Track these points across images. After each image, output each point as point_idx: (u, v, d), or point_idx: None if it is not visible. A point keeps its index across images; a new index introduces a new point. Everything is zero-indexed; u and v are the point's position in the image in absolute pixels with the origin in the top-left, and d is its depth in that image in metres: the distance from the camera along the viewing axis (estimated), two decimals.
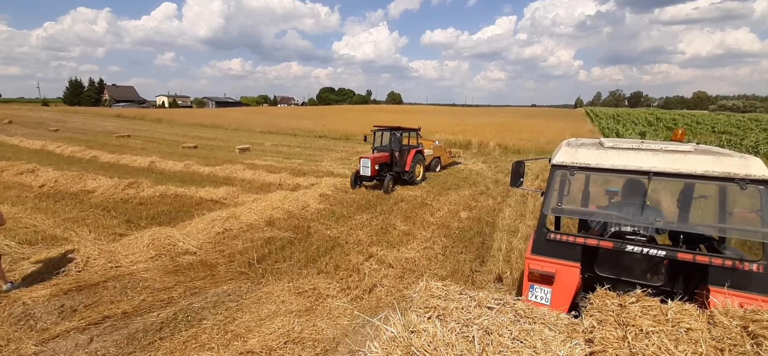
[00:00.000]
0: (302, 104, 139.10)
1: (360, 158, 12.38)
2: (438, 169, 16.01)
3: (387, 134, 13.60)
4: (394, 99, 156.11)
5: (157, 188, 11.70)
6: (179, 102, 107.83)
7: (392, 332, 2.52)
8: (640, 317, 2.52)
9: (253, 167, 15.76)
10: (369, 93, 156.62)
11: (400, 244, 7.77)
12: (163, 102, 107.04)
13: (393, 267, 6.68)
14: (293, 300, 5.49)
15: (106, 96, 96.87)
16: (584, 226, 4.51)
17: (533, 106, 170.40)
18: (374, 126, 13.66)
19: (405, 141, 13.52)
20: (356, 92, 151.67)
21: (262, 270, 6.52)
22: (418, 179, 13.55)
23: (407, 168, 12.93)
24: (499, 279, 6.42)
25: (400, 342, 2.42)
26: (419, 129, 14.22)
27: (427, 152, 14.85)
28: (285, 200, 10.45)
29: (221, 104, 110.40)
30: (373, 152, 13.01)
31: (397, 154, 12.86)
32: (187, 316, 5.01)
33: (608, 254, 3.54)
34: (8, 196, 10.85)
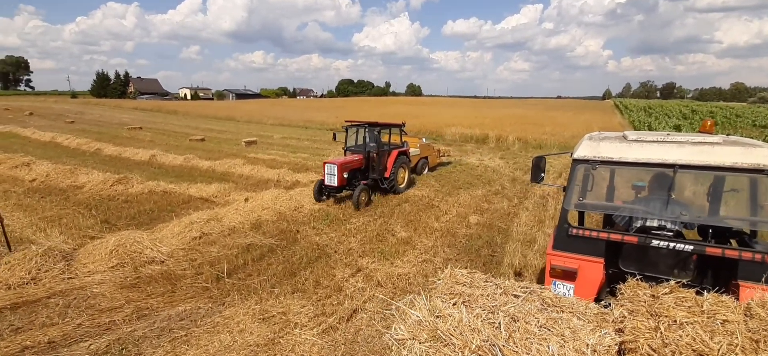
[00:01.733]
0: (321, 96, 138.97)
1: (324, 163, 9.72)
2: (425, 171, 13.72)
3: (363, 132, 11.00)
4: (414, 91, 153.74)
5: (147, 184, 11.06)
6: (201, 94, 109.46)
7: (418, 316, 2.53)
8: (673, 308, 2.44)
9: (254, 162, 15.00)
10: (388, 85, 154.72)
11: (396, 255, 6.75)
12: (185, 94, 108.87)
13: (382, 286, 5.67)
14: (254, 329, 4.57)
15: (131, 89, 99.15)
16: (609, 221, 4.33)
17: (559, 98, 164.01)
18: (346, 121, 11.13)
19: (385, 139, 10.95)
20: (375, 84, 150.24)
21: (229, 286, 5.63)
22: (402, 186, 11.05)
23: (387, 174, 10.45)
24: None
25: (426, 326, 2.45)
26: (403, 124, 11.66)
27: (412, 151, 12.49)
28: (277, 199, 9.57)
29: (241, 96, 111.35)
30: (345, 154, 10.65)
31: (374, 156, 10.33)
32: (122, 349, 4.16)
33: (633, 249, 3.44)
34: None
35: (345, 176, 9.56)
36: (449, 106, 60.90)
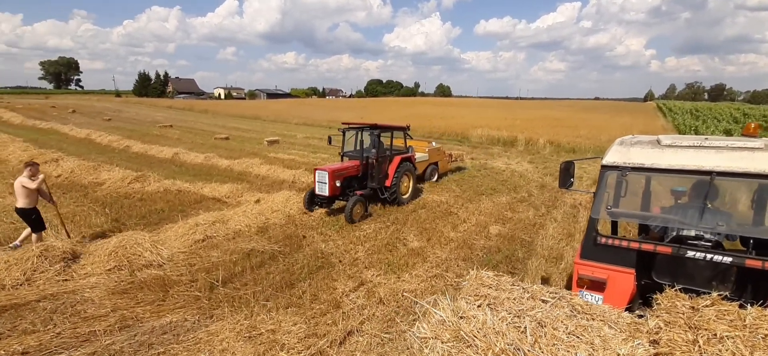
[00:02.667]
0: (350, 96, 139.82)
1: (315, 170, 8.79)
2: (435, 178, 12.57)
3: (362, 135, 9.78)
4: (443, 92, 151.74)
5: (163, 182, 11.05)
6: (234, 94, 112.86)
7: (441, 316, 2.52)
8: (714, 321, 2.34)
9: (272, 162, 14.83)
10: (417, 85, 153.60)
11: (404, 268, 6.20)
12: (219, 94, 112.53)
13: (384, 304, 5.14)
14: (238, 348, 4.15)
15: (170, 88, 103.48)
16: (645, 229, 4.14)
17: (596, 99, 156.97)
18: (343, 123, 9.92)
19: (391, 143, 10.07)
20: (404, 85, 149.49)
21: (222, 296, 5.28)
22: (406, 196, 9.85)
23: (388, 183, 9.35)
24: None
25: (449, 326, 2.43)
26: (408, 127, 10.40)
27: (420, 156, 11.46)
28: (288, 202, 9.25)
29: (272, 95, 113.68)
30: (342, 160, 9.71)
31: (374, 162, 9.26)
32: None
33: (668, 259, 3.24)
34: None
35: (338, 184, 8.53)
36: (479, 107, 59.43)
